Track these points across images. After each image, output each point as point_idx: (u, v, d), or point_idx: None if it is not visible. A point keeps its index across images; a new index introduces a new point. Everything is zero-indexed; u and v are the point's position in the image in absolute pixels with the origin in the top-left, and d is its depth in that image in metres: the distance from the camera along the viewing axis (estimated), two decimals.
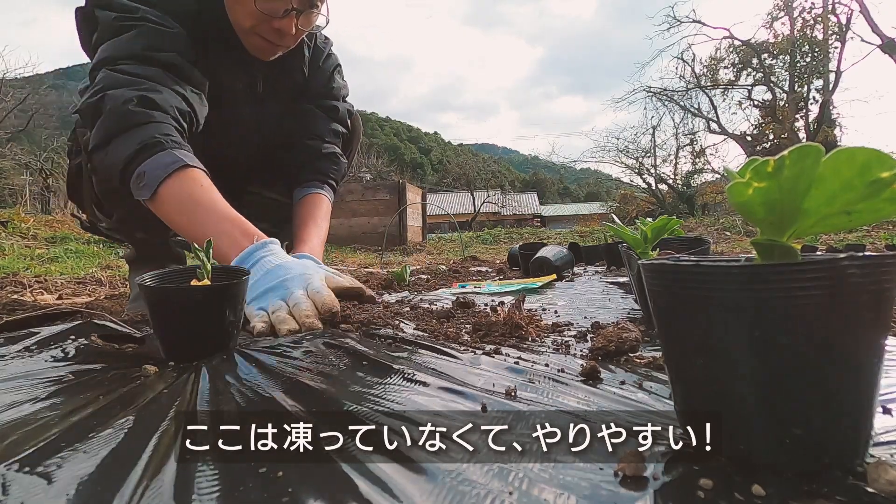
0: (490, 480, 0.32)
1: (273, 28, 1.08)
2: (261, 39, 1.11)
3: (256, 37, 1.11)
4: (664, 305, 0.36)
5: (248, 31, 1.10)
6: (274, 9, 1.05)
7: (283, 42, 1.13)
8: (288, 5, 1.05)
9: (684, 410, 0.37)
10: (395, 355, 0.65)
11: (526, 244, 2.20)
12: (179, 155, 0.91)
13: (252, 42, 1.13)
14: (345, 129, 1.45)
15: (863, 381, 0.31)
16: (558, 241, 5.39)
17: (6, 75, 9.63)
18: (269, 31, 1.09)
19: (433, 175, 49.12)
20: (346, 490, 0.32)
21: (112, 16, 0.99)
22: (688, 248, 0.94)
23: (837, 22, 13.61)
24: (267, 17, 1.06)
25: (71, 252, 3.07)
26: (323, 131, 1.38)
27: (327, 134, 1.39)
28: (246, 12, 1.06)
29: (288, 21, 1.07)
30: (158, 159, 0.90)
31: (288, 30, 1.09)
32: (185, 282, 0.72)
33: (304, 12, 1.08)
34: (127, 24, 0.99)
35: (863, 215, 0.31)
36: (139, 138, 0.90)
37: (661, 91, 16.43)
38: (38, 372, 0.61)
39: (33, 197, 10.04)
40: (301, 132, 1.37)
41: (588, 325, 0.84)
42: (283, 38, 1.11)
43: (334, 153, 1.40)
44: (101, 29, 1.00)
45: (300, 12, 1.07)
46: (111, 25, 0.99)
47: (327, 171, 1.38)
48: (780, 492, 0.29)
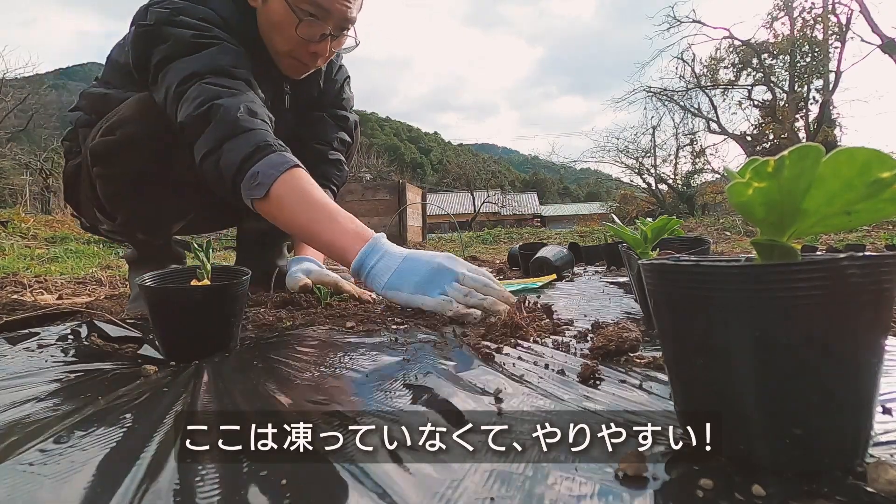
0: (490, 481, 0.32)
1: (309, 52, 1.14)
2: (296, 61, 1.18)
3: (292, 59, 1.17)
4: (664, 305, 0.36)
5: (284, 53, 1.16)
6: (312, 34, 1.11)
7: (315, 64, 1.20)
8: (325, 30, 1.11)
9: (684, 410, 0.37)
10: (397, 354, 0.65)
11: (526, 244, 2.20)
12: (288, 156, 0.96)
13: (287, 63, 1.19)
14: (350, 139, 1.52)
15: (863, 381, 0.31)
16: (558, 241, 5.39)
17: (6, 75, 9.65)
18: (305, 54, 1.15)
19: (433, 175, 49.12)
20: (346, 491, 0.32)
21: (189, 34, 1.02)
22: (688, 248, 0.94)
23: (837, 22, 13.61)
24: (305, 42, 1.12)
25: (71, 252, 3.07)
26: (331, 138, 1.45)
27: (335, 141, 1.46)
28: (285, 38, 1.12)
29: (323, 45, 1.14)
30: (271, 160, 0.94)
31: (322, 52, 1.16)
32: (185, 282, 0.72)
33: (337, 36, 1.15)
34: (205, 42, 1.03)
35: (863, 215, 0.31)
36: (252, 142, 0.95)
37: (661, 91, 16.42)
38: (38, 372, 0.61)
39: (33, 197, 10.04)
40: (310, 136, 1.42)
41: (588, 325, 0.83)
42: (317, 60, 1.18)
43: (339, 160, 1.47)
44: (174, 45, 1.02)
45: (335, 37, 1.14)
46: (189, 42, 1.02)
47: (331, 175, 1.44)
48: (780, 492, 0.29)
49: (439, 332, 0.79)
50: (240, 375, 0.58)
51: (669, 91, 16.35)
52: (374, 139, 54.21)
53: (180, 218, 1.32)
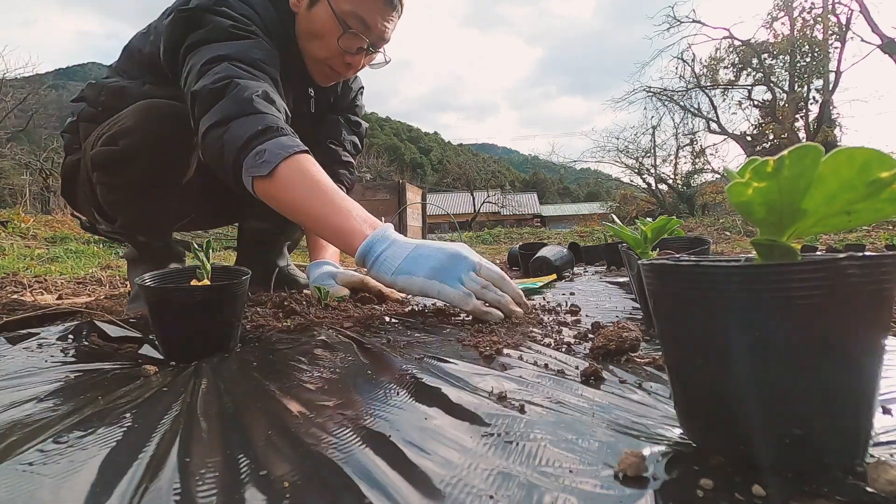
0: (491, 483, 0.32)
1: (345, 62, 1.17)
2: (329, 69, 1.20)
3: (326, 67, 1.20)
4: (664, 305, 0.36)
5: (320, 61, 1.18)
6: (351, 46, 1.14)
7: (347, 74, 1.23)
8: (364, 44, 1.14)
9: (684, 410, 0.37)
10: (397, 354, 0.65)
11: (526, 244, 2.20)
12: (298, 141, 0.94)
13: (319, 70, 1.22)
14: (361, 145, 1.55)
15: (863, 381, 0.31)
16: (558, 241, 5.39)
17: (6, 75, 9.62)
18: (340, 64, 1.18)
19: (433, 175, 49.08)
20: (346, 492, 0.32)
21: (228, 23, 1.03)
22: (688, 248, 0.94)
23: (837, 22, 13.61)
24: (342, 53, 1.15)
25: (71, 252, 3.07)
26: (345, 140, 1.47)
27: (348, 143, 1.48)
28: (324, 46, 1.15)
29: (359, 57, 1.18)
30: (281, 141, 0.92)
31: (356, 64, 1.19)
32: (185, 282, 0.72)
33: (373, 52, 1.18)
34: (241, 34, 1.04)
35: (862, 215, 0.31)
36: (262, 122, 0.93)
37: (661, 91, 16.42)
38: (38, 372, 0.61)
39: (33, 197, 10.03)
40: (325, 135, 1.44)
41: (588, 325, 0.83)
42: (349, 70, 1.21)
43: (350, 163, 1.49)
44: (212, 30, 1.03)
45: (371, 52, 1.17)
46: (226, 30, 1.03)
47: (342, 177, 1.45)
48: (780, 492, 0.29)
49: (439, 333, 0.79)
50: (240, 375, 0.58)
51: (669, 91, 16.36)
52: (374, 139, 54.17)
53: (181, 218, 1.33)
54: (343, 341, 0.74)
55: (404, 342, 0.73)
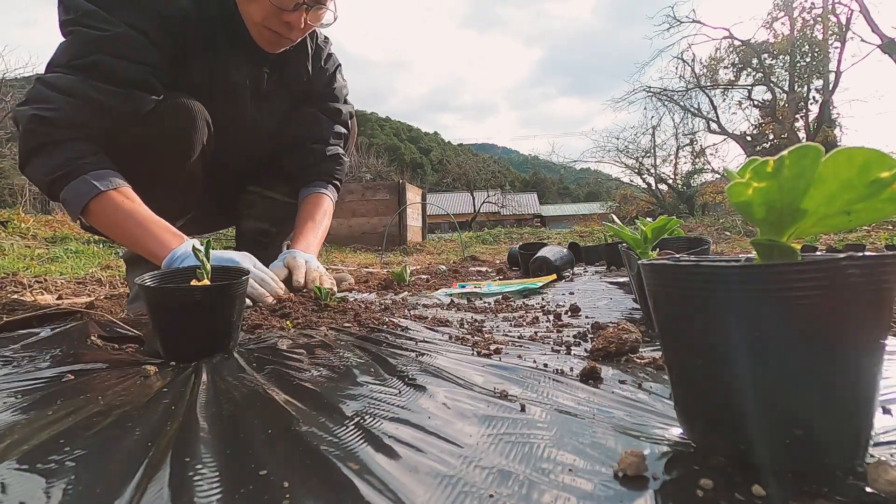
0: (490, 482, 0.32)
1: (283, 21, 1.13)
2: (269, 32, 1.16)
3: (266, 29, 1.15)
4: (664, 305, 0.36)
5: (258, 23, 1.14)
6: (285, 3, 1.09)
7: (290, 35, 1.17)
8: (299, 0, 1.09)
9: (684, 410, 0.37)
10: (397, 355, 0.65)
11: (526, 244, 2.20)
12: (92, 180, 0.98)
13: (261, 34, 1.17)
14: (346, 131, 1.52)
15: (863, 381, 0.31)
16: (558, 241, 5.39)
17: (6, 75, 9.62)
18: (279, 24, 1.13)
19: (433, 175, 49.07)
20: (346, 492, 0.32)
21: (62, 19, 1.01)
22: (688, 248, 0.94)
23: (837, 22, 13.60)
24: (278, 11, 1.10)
25: (71, 252, 3.07)
26: (327, 135, 1.44)
27: (331, 137, 1.45)
28: (258, 6, 1.11)
29: (297, 15, 1.12)
30: (75, 188, 0.97)
31: (297, 23, 1.13)
32: (185, 282, 0.72)
33: (312, 8, 1.13)
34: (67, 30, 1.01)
35: (862, 215, 0.31)
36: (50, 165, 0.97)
37: (660, 91, 16.41)
38: (38, 372, 0.61)
39: (33, 197, 10.03)
40: (305, 136, 1.42)
41: (588, 325, 0.84)
42: (292, 31, 1.16)
43: (337, 154, 1.47)
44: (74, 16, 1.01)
45: (309, 7, 1.12)
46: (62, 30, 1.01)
47: (332, 171, 1.45)
48: (780, 492, 0.29)
49: (439, 332, 0.79)
50: (239, 375, 0.58)
51: (669, 91, 16.35)
52: (373, 139, 54.17)
53: (181, 216, 1.33)
54: (342, 340, 0.74)
55: (404, 342, 0.73)
